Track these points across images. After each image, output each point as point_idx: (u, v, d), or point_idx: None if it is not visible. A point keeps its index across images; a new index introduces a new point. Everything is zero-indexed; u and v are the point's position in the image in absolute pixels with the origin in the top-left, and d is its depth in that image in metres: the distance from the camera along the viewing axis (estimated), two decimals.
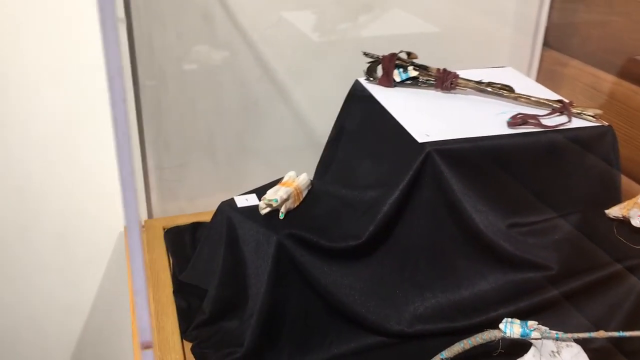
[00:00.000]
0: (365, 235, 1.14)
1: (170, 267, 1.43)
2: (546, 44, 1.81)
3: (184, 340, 1.22)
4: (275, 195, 1.14)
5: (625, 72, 1.54)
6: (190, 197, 1.72)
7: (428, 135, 1.17)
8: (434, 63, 1.79)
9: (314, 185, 1.26)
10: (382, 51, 1.42)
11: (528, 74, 1.86)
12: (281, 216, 1.15)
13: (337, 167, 1.40)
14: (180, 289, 1.35)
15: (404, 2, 1.71)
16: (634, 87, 1.51)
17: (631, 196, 1.25)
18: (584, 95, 1.67)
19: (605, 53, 1.61)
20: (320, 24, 1.66)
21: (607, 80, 1.59)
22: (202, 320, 1.22)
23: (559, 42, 1.78)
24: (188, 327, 1.24)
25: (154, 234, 1.57)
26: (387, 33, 1.73)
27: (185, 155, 1.67)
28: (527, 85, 1.43)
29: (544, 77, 1.83)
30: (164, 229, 1.59)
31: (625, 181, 1.49)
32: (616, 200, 1.25)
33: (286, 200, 1.16)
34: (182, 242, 1.50)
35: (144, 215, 1.65)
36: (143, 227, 1.61)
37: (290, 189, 1.17)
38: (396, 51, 1.42)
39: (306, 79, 1.67)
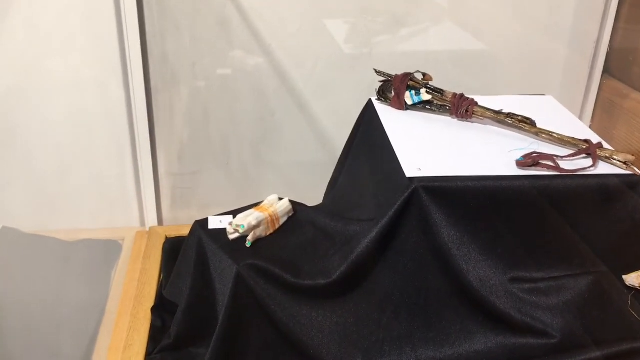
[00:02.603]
0: (336, 275, 1.02)
1: (159, 280, 1.38)
2: (607, 71, 1.60)
3: None
4: (243, 221, 1.05)
5: None
6: (202, 206, 1.66)
7: (420, 170, 1.03)
8: (477, 84, 1.64)
9: (297, 212, 1.16)
10: (415, 69, 1.28)
11: (584, 104, 1.65)
12: (248, 244, 1.06)
13: (334, 193, 1.29)
14: (161, 306, 1.29)
15: (448, 15, 1.57)
16: None
17: None
18: None
19: None
20: (348, 35, 1.55)
21: None
22: (166, 345, 1.16)
23: (620, 69, 1.56)
24: (155, 348, 1.17)
25: (154, 242, 1.52)
26: (426, 49, 1.59)
27: (198, 163, 1.61)
28: (561, 119, 1.26)
29: (602, 109, 1.62)
30: (167, 238, 1.54)
31: None
32: None
33: (256, 227, 1.06)
34: (177, 254, 1.43)
35: (152, 222, 1.61)
36: (147, 233, 1.57)
37: (263, 215, 1.08)
38: (428, 70, 1.28)
39: (328, 93, 1.57)
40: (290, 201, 1.17)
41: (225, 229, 1.10)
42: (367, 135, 1.27)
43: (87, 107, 1.47)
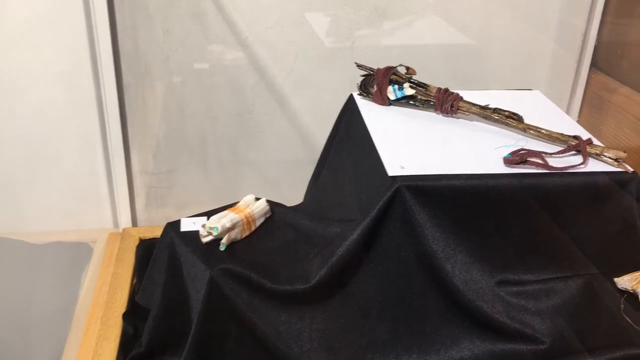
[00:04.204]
0: (316, 279, 0.97)
1: (131, 285, 1.32)
2: (594, 64, 1.56)
3: None
4: (217, 223, 0.99)
5: None
6: (179, 206, 1.60)
7: (403, 168, 0.98)
8: (463, 79, 1.59)
9: (275, 212, 1.10)
10: (399, 63, 1.23)
11: (571, 99, 1.61)
12: (222, 247, 1.00)
13: (315, 192, 1.24)
14: (133, 312, 1.23)
15: (433, 7, 1.51)
16: None
17: None
18: (631, 129, 1.42)
19: None
20: (330, 28, 1.49)
21: None
22: (137, 354, 1.10)
23: (608, 63, 1.52)
24: (125, 357, 1.11)
25: (127, 244, 1.45)
26: (410, 42, 1.54)
27: (173, 161, 1.55)
28: (549, 114, 1.21)
29: (589, 103, 1.58)
30: (140, 240, 1.47)
31: None
32: (638, 264, 1.02)
33: (230, 229, 1.00)
34: (151, 256, 1.37)
35: (126, 222, 1.55)
36: (120, 235, 1.50)
37: (238, 217, 1.02)
38: (412, 64, 1.23)
39: (308, 88, 1.51)
40: (268, 201, 1.12)
41: (195, 232, 1.04)
42: (349, 131, 1.22)
43: (56, 103, 1.40)
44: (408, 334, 1.00)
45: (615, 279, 0.98)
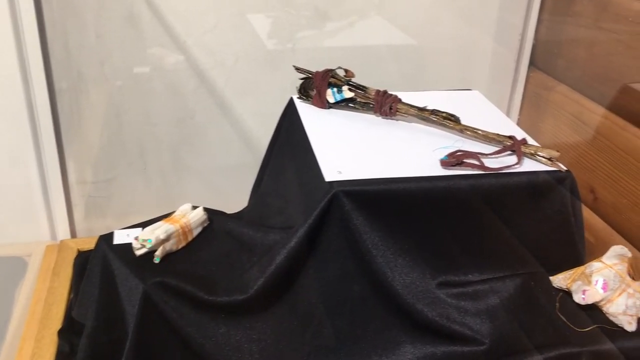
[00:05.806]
0: (254, 289, 0.95)
1: (68, 299, 1.27)
2: (533, 63, 1.58)
3: None
4: (150, 234, 0.96)
5: (614, 103, 1.31)
6: (120, 215, 1.55)
7: (340, 172, 0.97)
8: (404, 79, 1.59)
9: (213, 221, 1.08)
10: (342, 65, 1.21)
11: (511, 98, 1.63)
12: (156, 260, 0.97)
13: (257, 198, 1.22)
14: (69, 328, 1.17)
15: (375, 8, 1.51)
16: (621, 121, 1.28)
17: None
18: (568, 127, 1.44)
19: (591, 79, 1.37)
20: (271, 30, 1.47)
21: (594, 110, 1.36)
22: None
23: (545, 62, 1.55)
24: None
25: (65, 256, 1.40)
26: (352, 44, 1.53)
27: (112, 170, 1.50)
28: (487, 114, 1.22)
29: (529, 102, 1.60)
30: (79, 252, 1.42)
31: (607, 232, 1.27)
32: (576, 261, 1.03)
33: (165, 241, 0.97)
34: None
35: (64, 234, 1.49)
36: (57, 247, 1.45)
37: (173, 228, 0.99)
38: (353, 66, 1.21)
39: (250, 91, 1.49)
40: (206, 210, 1.09)
41: (129, 245, 1.01)
42: (289, 136, 1.20)
43: None
44: (350, 340, 0.99)
45: (551, 278, 0.99)
